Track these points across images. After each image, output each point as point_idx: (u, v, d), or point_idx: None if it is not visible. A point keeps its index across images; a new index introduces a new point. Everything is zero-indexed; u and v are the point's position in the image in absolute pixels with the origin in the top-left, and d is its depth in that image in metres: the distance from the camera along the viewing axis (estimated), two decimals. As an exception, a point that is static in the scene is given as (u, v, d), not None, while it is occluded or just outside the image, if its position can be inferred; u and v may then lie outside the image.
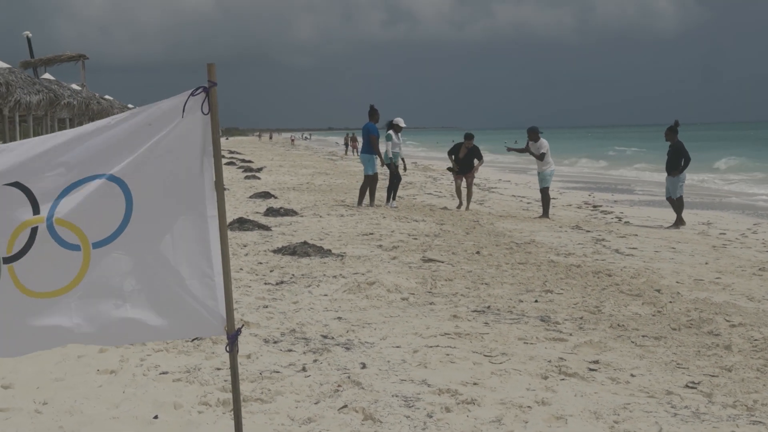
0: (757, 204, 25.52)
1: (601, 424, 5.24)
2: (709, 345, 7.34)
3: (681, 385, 6.13)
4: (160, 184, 3.86)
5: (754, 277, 11.23)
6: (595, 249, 13.63)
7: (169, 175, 3.87)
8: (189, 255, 3.92)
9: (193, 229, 3.92)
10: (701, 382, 6.19)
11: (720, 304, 9.24)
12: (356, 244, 13.15)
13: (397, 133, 20.13)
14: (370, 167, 19.55)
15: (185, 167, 3.89)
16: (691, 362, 6.77)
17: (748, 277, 11.22)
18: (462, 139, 21.21)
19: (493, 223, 17.23)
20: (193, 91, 3.88)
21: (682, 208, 18.06)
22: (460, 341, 7.23)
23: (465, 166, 20.89)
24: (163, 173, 3.86)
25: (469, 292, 9.48)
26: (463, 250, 12.71)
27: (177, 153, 3.86)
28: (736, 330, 7.89)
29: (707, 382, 6.19)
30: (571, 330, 7.77)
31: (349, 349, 6.88)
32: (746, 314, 8.68)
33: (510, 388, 5.92)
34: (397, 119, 20.21)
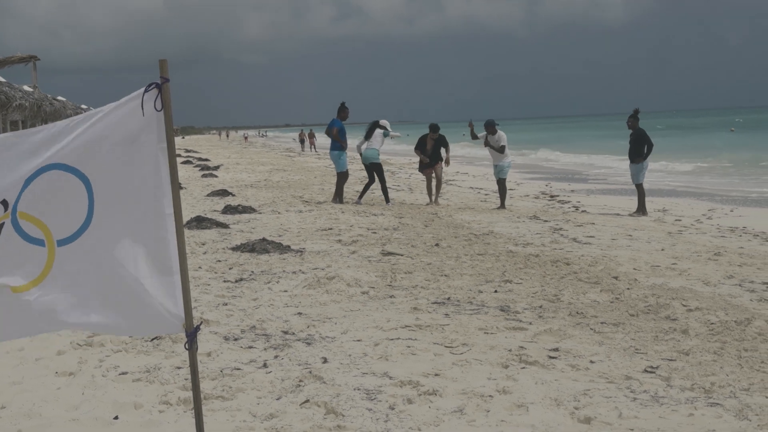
0: (708, 190, 25.83)
1: (561, 410, 5.28)
2: (667, 330, 7.42)
3: (640, 369, 6.19)
4: (118, 182, 3.84)
5: (709, 262, 11.37)
6: (553, 238, 13.72)
7: (125, 173, 3.84)
8: (146, 253, 3.89)
9: (150, 227, 3.90)
10: (659, 367, 6.26)
11: (677, 289, 9.35)
12: (315, 239, 13.13)
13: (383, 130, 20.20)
14: (339, 164, 19.51)
15: (140, 164, 3.86)
16: (650, 347, 6.84)
17: (703, 262, 11.35)
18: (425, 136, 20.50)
19: (451, 215, 17.28)
20: (146, 88, 3.85)
21: (644, 196, 18.26)
22: (421, 333, 7.25)
23: (433, 158, 20.42)
24: (120, 171, 3.83)
25: (429, 284, 9.50)
26: (422, 243, 12.74)
27: (132, 150, 3.83)
28: (692, 314, 7.99)
29: (665, 367, 6.26)
30: (531, 319, 7.82)
31: (310, 344, 6.88)
32: (702, 298, 8.78)
33: (471, 378, 5.94)
34: (383, 120, 20.31)
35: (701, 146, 53.08)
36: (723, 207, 20.17)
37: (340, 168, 19.52)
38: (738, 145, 53.46)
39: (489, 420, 5.13)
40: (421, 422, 5.11)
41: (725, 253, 12.23)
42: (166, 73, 3.90)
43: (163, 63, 3.92)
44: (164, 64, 3.92)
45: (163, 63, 3.92)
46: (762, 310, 8.34)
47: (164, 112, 3.89)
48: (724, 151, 47.61)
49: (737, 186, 27.69)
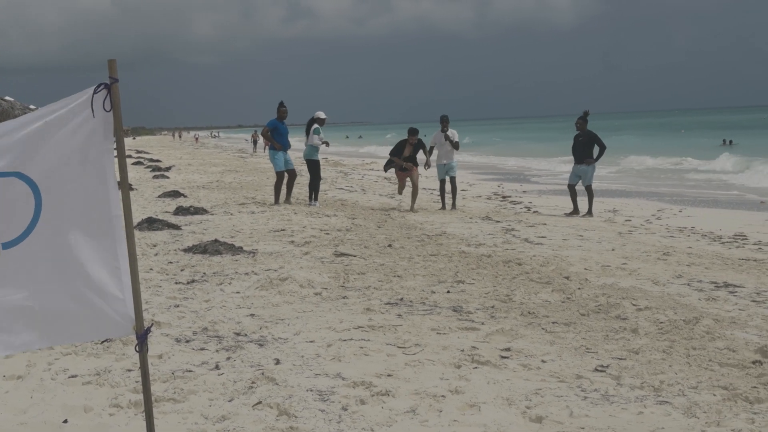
0: (660, 191, 26.14)
1: (513, 409, 5.32)
2: (617, 329, 7.50)
3: (590, 369, 6.25)
4: (66, 183, 3.79)
5: (658, 262, 11.51)
6: (505, 239, 13.81)
7: (73, 174, 3.80)
8: (95, 255, 3.85)
9: (98, 229, 3.86)
10: (610, 366, 6.32)
11: (626, 288, 9.45)
12: (268, 240, 13.09)
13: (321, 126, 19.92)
14: (274, 164, 19.40)
15: (89, 165, 3.82)
16: (600, 346, 6.91)
17: (653, 262, 11.49)
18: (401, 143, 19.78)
19: (403, 216, 17.32)
20: (95, 89, 3.81)
21: (593, 197, 18.43)
22: (374, 334, 7.25)
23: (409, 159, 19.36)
24: (67, 172, 3.79)
25: (382, 285, 9.51)
26: (375, 244, 12.75)
27: (80, 151, 3.79)
28: (642, 313, 8.08)
29: (616, 365, 6.33)
30: (483, 319, 7.86)
31: (263, 346, 6.85)
32: (652, 298, 8.89)
33: (424, 379, 5.96)
34: (318, 113, 19.95)
35: (653, 147, 53.66)
36: (672, 207, 20.42)
37: (276, 168, 19.41)
38: (689, 147, 54.16)
39: (442, 420, 5.15)
40: (374, 423, 5.11)
41: (674, 253, 12.39)
42: (115, 73, 3.87)
43: (111, 63, 3.88)
44: (113, 64, 3.89)
45: (112, 63, 3.89)
46: (710, 309, 8.46)
47: (113, 112, 3.85)
48: (675, 151, 48.20)
49: (687, 187, 28.07)
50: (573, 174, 18.61)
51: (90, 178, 3.85)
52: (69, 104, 3.78)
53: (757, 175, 30.97)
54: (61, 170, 3.78)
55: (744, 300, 8.99)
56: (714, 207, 21.14)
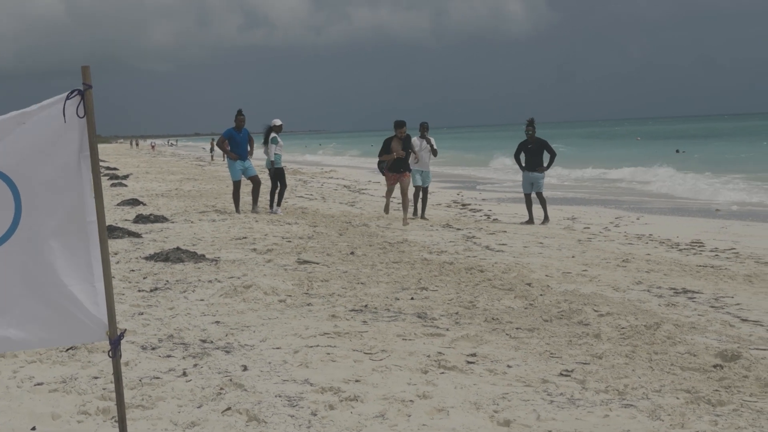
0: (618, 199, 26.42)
1: (481, 413, 5.37)
2: (580, 334, 7.60)
3: (555, 373, 6.33)
4: (42, 189, 3.80)
5: (618, 268, 11.66)
6: (467, 246, 13.90)
7: (48, 180, 3.80)
8: (69, 261, 3.86)
9: (73, 235, 3.86)
10: (574, 370, 6.41)
11: (588, 295, 9.56)
12: (230, 248, 13.07)
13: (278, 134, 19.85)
14: (233, 173, 19.35)
15: (64, 171, 3.83)
16: (564, 351, 7.00)
17: (612, 269, 11.64)
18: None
19: (365, 223, 17.36)
20: (69, 94, 3.82)
21: (546, 203, 18.60)
22: (340, 340, 7.29)
23: (400, 164, 17.85)
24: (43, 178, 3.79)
25: (346, 292, 9.54)
26: (337, 251, 12.78)
27: (55, 157, 3.80)
28: (604, 319, 8.18)
29: (580, 370, 6.41)
30: (448, 325, 7.92)
31: (230, 353, 6.85)
32: (613, 304, 9.01)
33: (391, 384, 6.00)
34: (274, 120, 19.88)
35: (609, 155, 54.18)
36: (630, 215, 20.66)
37: (233, 177, 19.37)
38: (642, 155, 54.75)
39: (411, 424, 5.19)
40: (344, 427, 5.14)
41: (633, 259, 12.55)
42: (88, 79, 3.88)
43: (85, 69, 3.89)
44: (86, 70, 3.90)
45: (86, 69, 3.90)
46: (670, 314, 8.60)
47: (87, 118, 3.87)
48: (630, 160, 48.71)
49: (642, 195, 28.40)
50: (526, 183, 18.70)
51: (64, 185, 3.85)
52: (43, 109, 3.78)
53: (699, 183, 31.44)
54: (37, 175, 3.78)
55: (703, 306, 9.15)
56: (671, 215, 21.42)
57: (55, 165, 3.81)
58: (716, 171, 36.83)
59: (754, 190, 28.14)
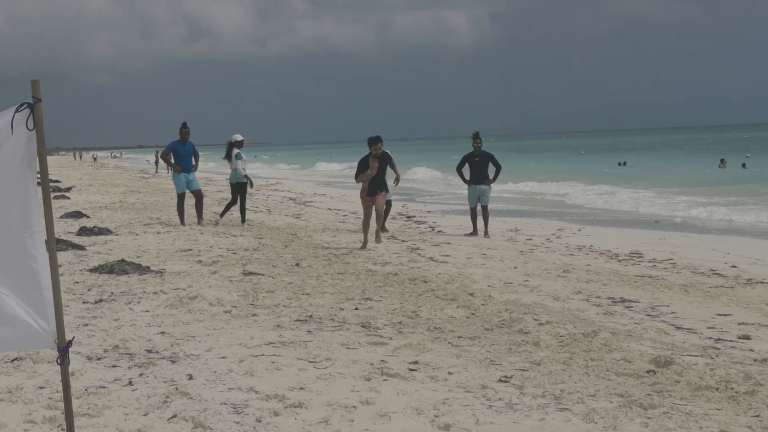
0: (560, 211, 26.81)
1: (422, 418, 5.53)
2: (520, 342, 7.79)
3: (495, 379, 6.51)
4: None
5: (559, 279, 11.91)
6: (411, 257, 14.07)
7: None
8: (17, 270, 3.94)
9: (20, 244, 3.94)
10: (513, 376, 6.59)
11: (529, 304, 9.78)
12: (175, 260, 13.10)
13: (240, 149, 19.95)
14: (177, 186, 19.35)
15: (11, 183, 3.91)
16: (504, 358, 7.18)
17: (553, 279, 11.88)
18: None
19: (310, 235, 17.46)
20: (18, 107, 3.91)
21: (489, 217, 18.82)
22: (285, 349, 7.40)
23: (377, 184, 15.71)
24: None
25: (291, 302, 9.65)
26: (282, 263, 12.88)
27: (3, 169, 3.88)
28: (543, 327, 8.39)
29: (519, 376, 6.60)
30: (391, 334, 8.07)
31: (175, 362, 6.93)
32: (552, 313, 9.23)
33: (335, 391, 6.13)
34: (235, 136, 19.88)
35: (551, 168, 54.83)
36: (571, 226, 21.00)
37: (177, 190, 19.38)
38: (585, 169, 55.51)
39: (354, 429, 5.33)
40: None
41: (573, 270, 12.82)
42: (38, 93, 3.97)
43: (35, 84, 3.98)
44: (36, 84, 3.99)
45: (35, 84, 3.99)
46: (607, 322, 8.84)
47: (36, 131, 3.95)
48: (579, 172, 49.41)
49: (591, 205, 28.86)
50: (472, 195, 18.87)
51: (12, 196, 3.93)
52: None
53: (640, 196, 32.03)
54: None
55: (639, 314, 9.40)
56: (611, 226, 21.82)
57: (2, 176, 3.89)
58: (658, 184, 37.55)
59: (694, 203, 28.75)
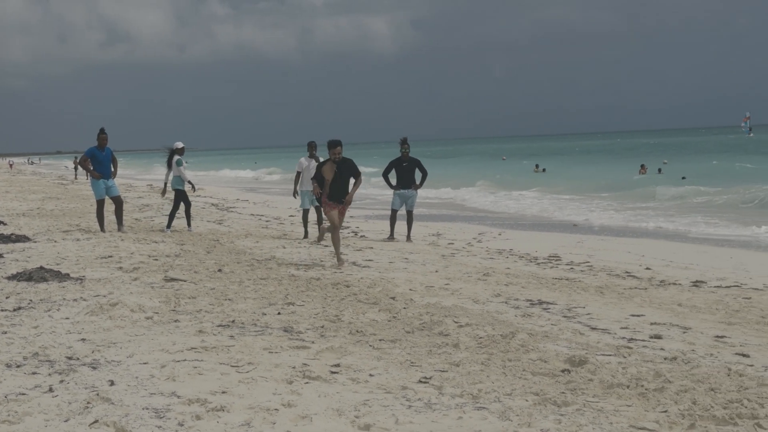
0: (482, 215, 27.16)
1: (343, 419, 5.63)
2: (440, 344, 7.94)
3: (415, 380, 6.63)
4: None
5: (479, 282, 12.12)
6: (333, 262, 14.15)
7: None
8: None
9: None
10: (432, 377, 6.72)
11: (449, 307, 9.95)
12: (95, 267, 12.98)
13: (181, 156, 19.99)
14: (96, 192, 19.15)
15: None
16: (424, 360, 7.32)
17: (473, 282, 12.09)
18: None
19: (233, 241, 17.44)
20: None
21: (413, 222, 19.02)
22: (207, 354, 7.43)
23: (341, 190, 14.11)
24: None
25: (213, 308, 9.67)
26: (204, 269, 12.86)
27: None
28: (463, 330, 8.56)
29: (438, 377, 6.73)
30: (314, 338, 8.15)
31: (96, 369, 6.91)
32: (472, 315, 9.41)
33: (257, 394, 6.19)
34: (176, 143, 20.01)
35: (476, 173, 55.37)
36: (492, 230, 21.32)
37: (96, 196, 19.20)
38: (506, 173, 56.23)
39: (275, 431, 5.40)
40: (210, 436, 5.31)
41: (493, 273, 13.06)
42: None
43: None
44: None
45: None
46: (525, 324, 9.05)
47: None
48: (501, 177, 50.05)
49: (512, 210, 29.28)
50: (398, 200, 19.03)
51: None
52: None
53: (558, 200, 32.59)
54: None
55: (556, 316, 9.64)
56: (531, 230, 22.22)
57: None
58: (577, 188, 38.23)
59: (611, 207, 29.36)
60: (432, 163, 43.04)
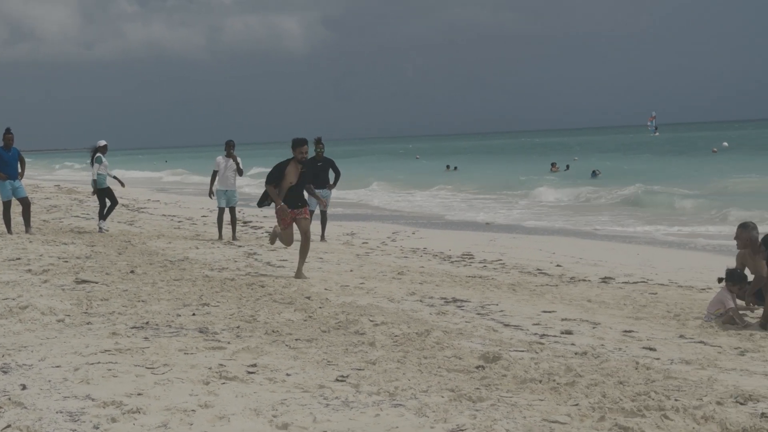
0: (396, 214, 27.32)
1: (261, 419, 5.63)
2: (356, 343, 7.99)
3: (332, 379, 6.67)
4: None
5: (393, 281, 12.22)
6: (248, 263, 14.12)
7: None
8: None
9: None
10: (349, 376, 6.77)
11: (364, 306, 10.02)
12: (3, 269, 12.71)
13: (104, 154, 19.79)
14: (3, 193, 18.72)
15: None
16: (341, 359, 7.36)
17: (388, 281, 12.18)
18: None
19: (145, 242, 17.24)
20: None
21: (327, 222, 19.02)
22: (122, 356, 7.35)
23: (298, 197, 12.74)
24: None
25: (127, 309, 9.56)
26: (116, 270, 12.70)
27: None
28: (379, 328, 8.63)
29: (355, 375, 6.78)
30: (229, 338, 8.13)
31: (7, 373, 6.79)
32: (387, 314, 9.50)
33: (174, 396, 6.16)
34: (99, 142, 19.91)
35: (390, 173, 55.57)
36: (406, 229, 21.47)
37: (2, 197, 18.78)
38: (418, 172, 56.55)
39: (193, 431, 5.39)
40: (127, 439, 5.27)
41: (408, 272, 13.18)
42: None
43: None
44: None
45: None
46: (439, 322, 9.17)
47: None
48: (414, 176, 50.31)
49: (424, 209, 29.49)
50: (313, 200, 18.97)
51: None
52: None
53: (471, 199, 33.00)
54: None
55: (470, 313, 9.78)
56: (444, 229, 22.45)
57: None
58: (489, 186, 38.70)
59: (523, 205, 29.81)
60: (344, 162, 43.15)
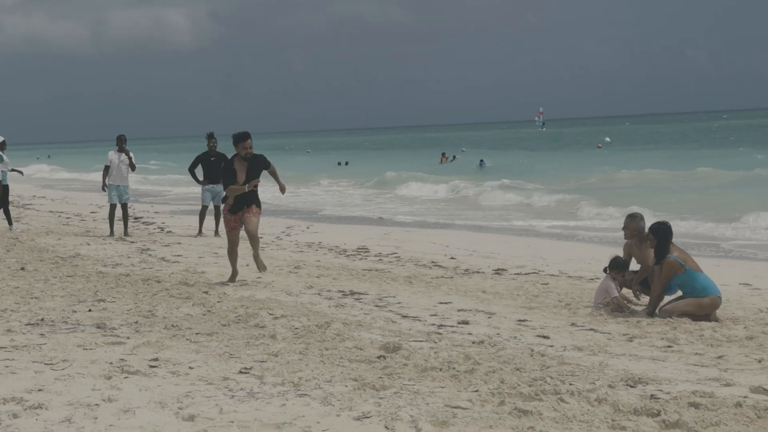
0: (290, 209, 27.28)
1: (167, 411, 5.64)
2: (257, 336, 8.03)
3: (235, 371, 6.70)
4: None
5: (290, 275, 12.27)
6: (142, 258, 13.98)
7: None
8: None
9: None
10: (253, 368, 6.81)
11: (263, 300, 10.05)
12: None
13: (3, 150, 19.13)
14: None
15: None
16: (243, 352, 7.39)
17: (285, 275, 12.23)
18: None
19: (33, 239, 16.90)
20: None
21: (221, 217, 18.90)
22: (18, 353, 7.23)
23: (245, 195, 11.89)
24: None
25: (20, 307, 9.39)
26: (6, 267, 12.44)
27: None
28: (279, 321, 8.68)
29: (258, 367, 6.83)
30: (128, 334, 8.07)
31: None
32: (287, 307, 9.55)
33: (76, 391, 6.10)
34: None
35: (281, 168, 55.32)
36: (300, 224, 21.49)
37: None
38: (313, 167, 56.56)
39: (98, 425, 5.36)
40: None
41: (304, 266, 13.24)
42: None
43: None
44: None
45: None
46: (339, 314, 9.27)
47: None
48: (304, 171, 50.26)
49: (319, 204, 29.53)
50: (207, 195, 18.82)
51: None
52: None
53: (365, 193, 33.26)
54: None
55: (368, 305, 9.91)
56: (338, 223, 22.55)
57: None
58: (379, 181, 38.98)
59: (415, 198, 30.15)
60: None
